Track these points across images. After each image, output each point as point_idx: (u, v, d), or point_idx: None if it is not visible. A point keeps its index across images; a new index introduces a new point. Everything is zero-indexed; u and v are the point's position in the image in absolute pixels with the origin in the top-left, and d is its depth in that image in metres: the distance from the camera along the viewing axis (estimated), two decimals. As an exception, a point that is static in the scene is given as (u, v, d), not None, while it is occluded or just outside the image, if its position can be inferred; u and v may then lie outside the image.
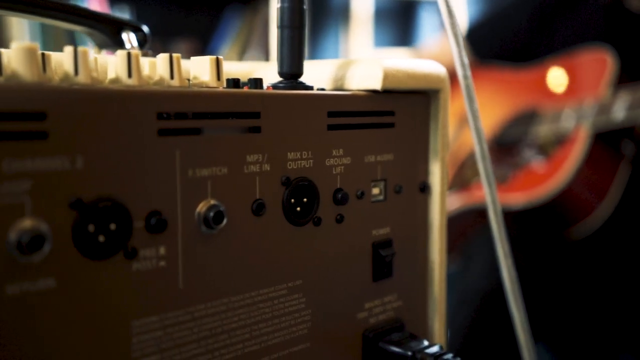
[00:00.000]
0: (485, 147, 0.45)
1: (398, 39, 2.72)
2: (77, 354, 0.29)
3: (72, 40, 2.08)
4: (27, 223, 0.27)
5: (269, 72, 0.48)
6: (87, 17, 0.44)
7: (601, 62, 1.07)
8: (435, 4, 2.75)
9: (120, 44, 0.46)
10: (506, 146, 1.19)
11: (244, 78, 0.40)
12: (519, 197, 1.07)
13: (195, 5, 2.24)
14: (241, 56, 2.28)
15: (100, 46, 0.47)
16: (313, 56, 2.56)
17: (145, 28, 0.47)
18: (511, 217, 1.06)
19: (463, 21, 2.68)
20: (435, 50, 1.50)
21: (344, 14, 2.62)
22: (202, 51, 2.16)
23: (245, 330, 0.36)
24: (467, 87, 0.44)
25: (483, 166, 0.45)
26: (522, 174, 1.12)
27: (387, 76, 0.41)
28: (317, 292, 0.40)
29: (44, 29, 2.03)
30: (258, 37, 2.40)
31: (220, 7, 2.30)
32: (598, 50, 1.10)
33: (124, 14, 1.91)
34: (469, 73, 0.44)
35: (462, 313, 1.04)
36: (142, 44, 0.46)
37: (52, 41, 2.05)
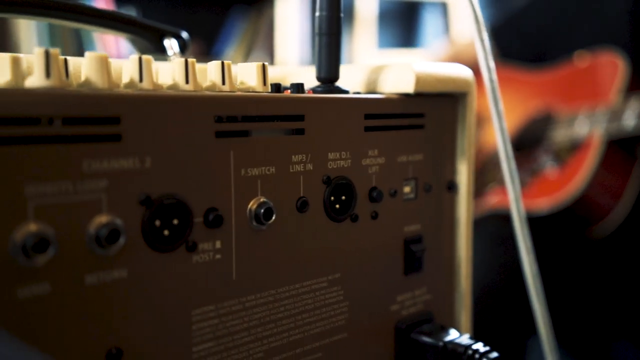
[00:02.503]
0: (510, 147, 0.47)
1: (402, 41, 2.75)
2: (145, 339, 0.31)
3: (80, 44, 2.11)
4: (104, 218, 0.29)
5: (297, 76, 0.50)
6: (131, 25, 0.47)
7: (613, 66, 1.10)
8: (438, 5, 2.77)
9: (162, 51, 0.48)
10: (523, 151, 1.21)
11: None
12: (538, 204, 1.10)
13: (200, 6, 2.26)
14: (246, 57, 2.31)
15: (142, 52, 0.49)
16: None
17: (185, 35, 0.49)
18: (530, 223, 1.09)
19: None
20: (445, 52, 1.52)
21: (348, 16, 2.64)
22: (207, 52, 2.18)
23: (290, 320, 0.39)
24: (493, 90, 0.46)
25: (507, 165, 0.47)
26: (538, 181, 1.14)
27: (419, 80, 0.43)
28: (354, 284, 0.42)
29: (52, 32, 2.06)
30: (263, 38, 2.42)
31: (226, 8, 2.32)
32: (611, 54, 1.12)
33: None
34: (494, 77, 0.46)
35: None
36: (182, 50, 0.49)
37: (60, 44, 2.08)
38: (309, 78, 0.45)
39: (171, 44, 0.48)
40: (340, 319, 0.41)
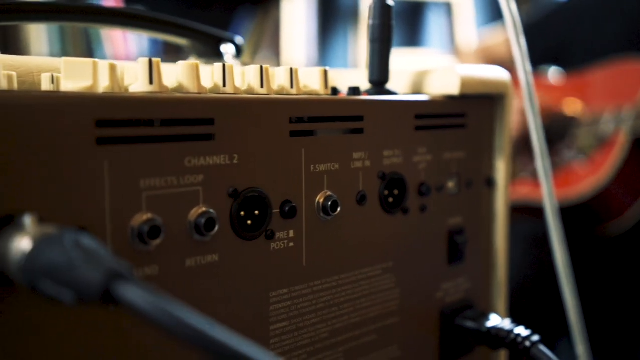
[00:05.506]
0: (544, 143, 0.50)
1: (406, 40, 2.78)
2: (233, 318, 0.35)
3: (89, 45, 2.15)
4: (202, 209, 0.32)
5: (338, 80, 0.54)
6: (192, 31, 0.50)
7: (638, 72, 1.13)
8: (441, 5, 2.79)
9: (219, 55, 0.52)
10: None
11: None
12: (557, 195, 1.13)
13: (207, 7, 2.29)
14: (253, 58, 2.34)
15: (200, 56, 0.53)
16: (323, 58, 2.62)
17: (240, 40, 0.53)
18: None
19: (473, 27, 2.74)
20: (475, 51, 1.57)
21: (353, 16, 2.67)
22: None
23: (350, 304, 0.42)
24: (529, 92, 0.49)
25: (542, 163, 0.50)
26: (561, 174, 1.18)
27: (464, 83, 0.47)
28: (404, 273, 0.45)
29: (62, 33, 2.09)
30: (270, 39, 2.46)
31: (232, 9, 2.35)
32: (636, 60, 1.16)
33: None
34: (531, 79, 0.49)
35: None
36: (238, 54, 0.52)
37: (70, 45, 2.12)
38: (348, 81, 0.49)
39: (227, 49, 0.52)
40: (392, 305, 0.45)
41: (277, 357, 0.37)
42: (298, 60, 2.41)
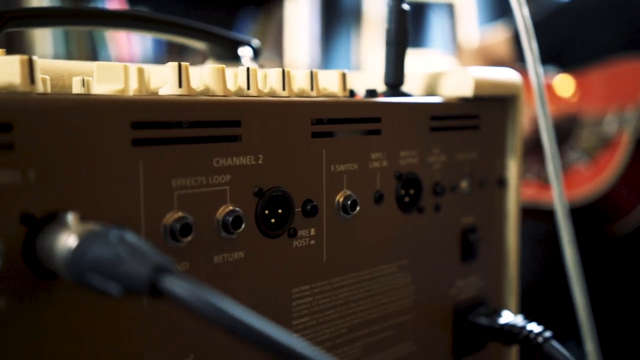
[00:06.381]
0: (555, 145, 0.51)
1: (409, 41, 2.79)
2: (258, 313, 0.36)
3: (93, 46, 2.16)
4: (229, 207, 0.34)
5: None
6: (211, 35, 0.51)
7: (638, 72, 1.14)
8: (444, 6, 2.80)
9: (236, 58, 0.53)
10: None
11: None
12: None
13: (210, 8, 2.31)
14: (257, 58, 2.34)
15: (217, 58, 0.54)
16: (326, 59, 2.63)
17: (256, 43, 0.54)
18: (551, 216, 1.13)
19: (475, 28, 2.75)
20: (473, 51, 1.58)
21: (356, 17, 2.68)
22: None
23: (368, 300, 0.43)
24: (540, 94, 0.50)
25: (552, 165, 0.51)
26: (566, 175, 1.19)
27: (477, 85, 0.48)
28: (419, 270, 0.47)
29: (66, 34, 2.11)
30: (273, 39, 2.47)
31: (235, 10, 2.36)
32: (635, 60, 1.17)
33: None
34: (542, 80, 0.51)
35: None
36: (255, 57, 0.53)
37: (75, 48, 2.14)
38: (352, 83, 0.50)
39: (245, 52, 0.53)
40: (408, 301, 0.46)
41: (307, 344, 0.38)
42: (301, 61, 2.42)
